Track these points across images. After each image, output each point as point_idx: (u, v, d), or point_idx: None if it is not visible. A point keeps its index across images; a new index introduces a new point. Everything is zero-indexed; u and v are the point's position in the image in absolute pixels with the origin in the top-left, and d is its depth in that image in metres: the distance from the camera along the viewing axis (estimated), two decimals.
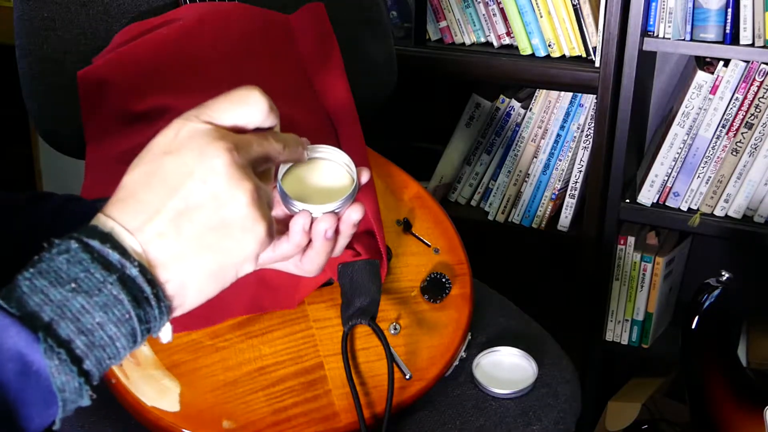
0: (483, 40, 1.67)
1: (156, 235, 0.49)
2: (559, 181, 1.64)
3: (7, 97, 1.50)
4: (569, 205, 1.64)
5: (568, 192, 1.63)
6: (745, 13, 1.36)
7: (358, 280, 0.93)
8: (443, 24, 1.67)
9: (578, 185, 1.62)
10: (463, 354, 0.99)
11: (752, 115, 1.42)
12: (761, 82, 1.40)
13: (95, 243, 0.48)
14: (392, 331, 0.96)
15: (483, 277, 1.16)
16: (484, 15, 1.64)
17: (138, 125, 1.02)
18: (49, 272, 0.47)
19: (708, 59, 1.46)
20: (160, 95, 1.02)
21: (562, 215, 1.65)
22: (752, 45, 1.38)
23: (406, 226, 1.05)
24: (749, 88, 1.41)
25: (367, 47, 1.31)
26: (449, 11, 1.65)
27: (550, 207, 1.65)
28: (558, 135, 1.63)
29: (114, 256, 0.48)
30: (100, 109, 1.04)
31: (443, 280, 1.01)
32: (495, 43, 1.65)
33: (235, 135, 0.53)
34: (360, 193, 0.63)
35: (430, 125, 1.86)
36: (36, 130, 1.27)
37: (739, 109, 1.42)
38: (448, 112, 1.78)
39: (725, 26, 1.38)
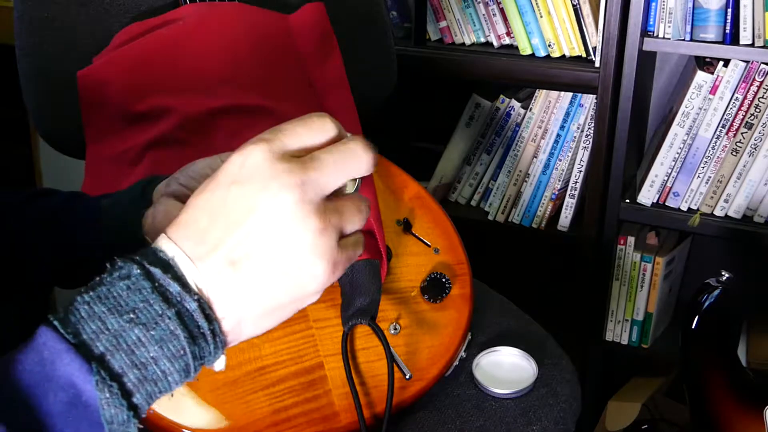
0: (483, 40, 1.67)
1: (215, 270, 0.48)
2: (559, 181, 1.64)
3: (7, 97, 1.50)
4: (569, 205, 1.64)
5: (568, 192, 1.63)
6: (745, 13, 1.36)
7: (358, 280, 0.93)
8: (443, 24, 1.67)
9: (578, 185, 1.62)
10: (463, 354, 0.99)
11: (752, 115, 1.42)
12: (761, 82, 1.40)
13: (157, 271, 0.47)
14: (392, 331, 0.96)
15: (483, 277, 1.16)
16: (484, 15, 1.64)
17: (138, 125, 1.02)
18: (108, 298, 0.46)
19: (708, 59, 1.46)
20: (160, 95, 1.02)
21: (562, 215, 1.65)
22: (752, 45, 1.38)
23: (406, 226, 1.05)
24: (749, 88, 1.41)
25: (367, 47, 1.31)
26: (449, 11, 1.65)
27: (550, 207, 1.65)
28: (558, 135, 1.63)
29: (174, 287, 0.47)
30: (100, 109, 1.04)
31: (443, 280, 1.01)
32: (495, 43, 1.65)
33: (306, 168, 0.49)
34: (360, 193, 0.63)
35: (430, 125, 1.86)
36: (36, 130, 1.27)
37: (739, 109, 1.42)
38: (448, 112, 1.78)
39: (725, 26, 1.38)
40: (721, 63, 1.43)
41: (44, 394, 0.44)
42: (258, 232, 0.48)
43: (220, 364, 0.51)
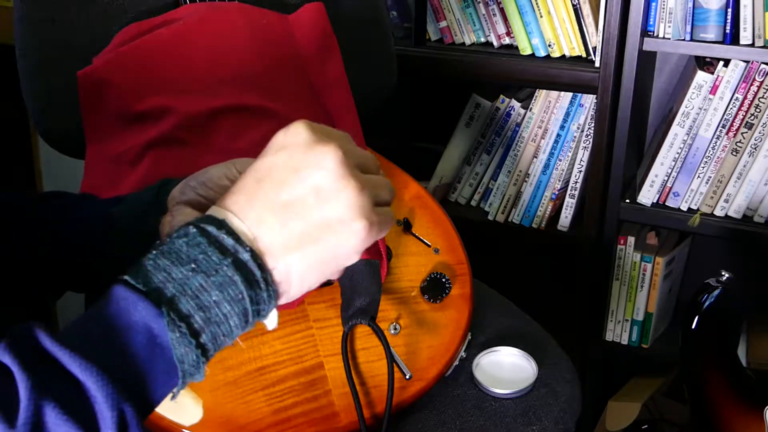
0: (483, 40, 1.67)
1: (264, 225, 0.52)
2: (559, 181, 1.64)
3: (7, 97, 1.50)
4: (569, 205, 1.64)
5: (568, 192, 1.63)
6: (745, 13, 1.36)
7: (358, 280, 0.93)
8: (443, 24, 1.67)
9: (578, 185, 1.62)
10: (463, 354, 0.99)
11: (752, 115, 1.42)
12: (761, 82, 1.40)
13: (211, 228, 0.52)
14: (392, 331, 0.96)
15: (483, 277, 1.16)
16: (484, 15, 1.64)
17: (138, 125, 1.02)
18: (170, 253, 0.51)
19: (708, 59, 1.46)
20: (160, 95, 1.02)
21: (562, 215, 1.65)
22: (752, 45, 1.38)
23: (406, 226, 1.05)
24: (749, 88, 1.41)
25: (367, 47, 1.31)
26: (449, 11, 1.65)
27: (550, 207, 1.65)
28: (558, 135, 1.63)
29: (228, 240, 0.51)
30: (100, 109, 1.04)
31: (443, 280, 1.01)
32: (495, 43, 1.65)
33: (346, 141, 0.56)
34: None
35: (430, 125, 1.86)
36: (36, 130, 1.27)
37: (739, 109, 1.42)
38: (448, 112, 1.78)
39: (725, 26, 1.38)
40: (721, 63, 1.43)
41: (127, 339, 0.49)
42: (303, 189, 0.52)
43: (272, 321, 0.56)
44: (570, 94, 1.61)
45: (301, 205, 0.52)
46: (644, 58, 1.48)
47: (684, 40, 1.42)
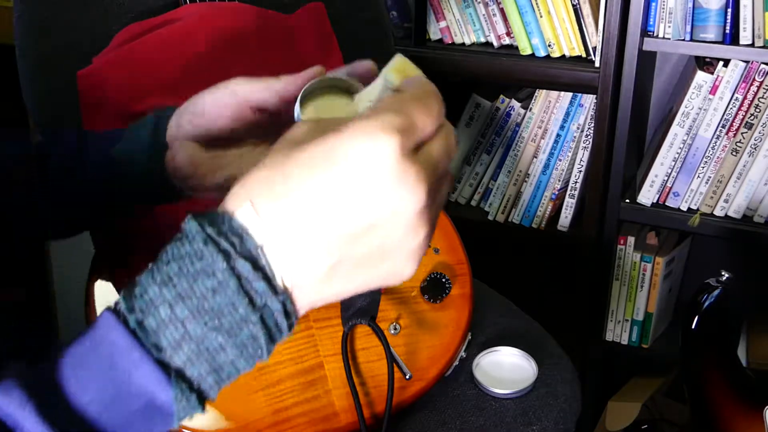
0: (483, 40, 1.67)
1: (316, 280, 0.44)
2: (559, 181, 1.64)
3: (7, 97, 1.50)
4: (569, 205, 1.64)
5: (568, 192, 1.63)
6: (745, 13, 1.36)
7: None
8: (443, 24, 1.67)
9: (578, 185, 1.62)
10: (463, 354, 0.99)
11: (752, 115, 1.42)
12: (761, 82, 1.40)
13: (244, 269, 0.42)
14: (392, 331, 0.96)
15: (483, 277, 1.16)
16: (484, 15, 1.64)
17: None
18: (191, 298, 0.43)
19: (708, 59, 1.46)
20: (160, 95, 1.02)
21: (562, 215, 1.65)
22: (752, 45, 1.38)
23: None
24: (749, 88, 1.41)
25: (368, 47, 1.31)
26: (449, 11, 1.65)
27: (550, 207, 1.65)
28: (558, 135, 1.63)
29: (260, 286, 0.43)
30: (100, 109, 1.04)
31: (443, 280, 1.01)
32: (495, 43, 1.65)
33: (428, 158, 0.45)
34: None
35: None
36: (36, 130, 1.27)
37: (739, 109, 1.42)
38: (448, 112, 1.78)
39: (725, 26, 1.38)
40: (721, 63, 1.43)
41: (127, 405, 0.43)
42: (372, 244, 0.44)
43: None
44: (570, 94, 1.61)
45: (360, 255, 0.44)
46: (644, 58, 1.48)
47: (684, 40, 1.42)
